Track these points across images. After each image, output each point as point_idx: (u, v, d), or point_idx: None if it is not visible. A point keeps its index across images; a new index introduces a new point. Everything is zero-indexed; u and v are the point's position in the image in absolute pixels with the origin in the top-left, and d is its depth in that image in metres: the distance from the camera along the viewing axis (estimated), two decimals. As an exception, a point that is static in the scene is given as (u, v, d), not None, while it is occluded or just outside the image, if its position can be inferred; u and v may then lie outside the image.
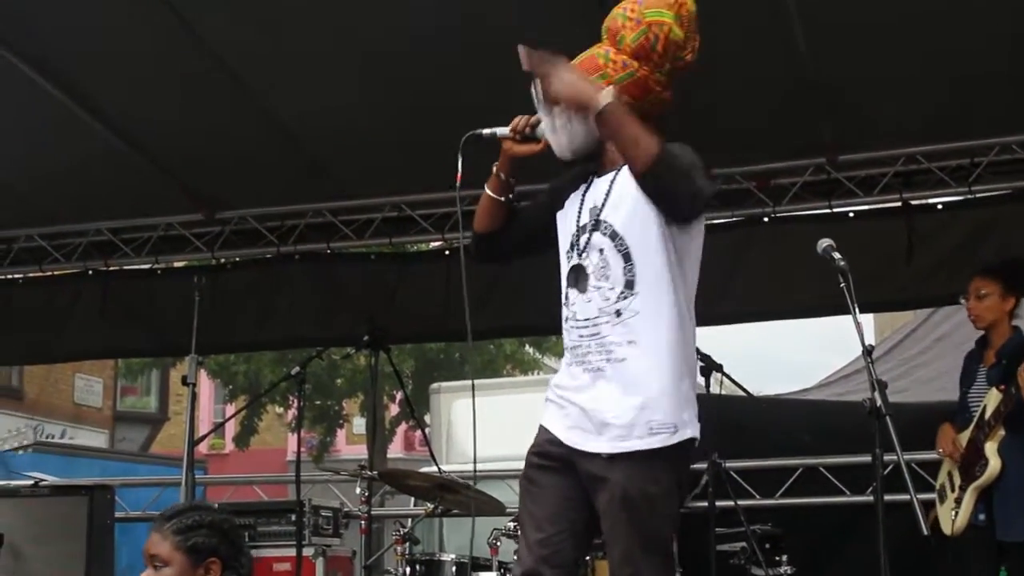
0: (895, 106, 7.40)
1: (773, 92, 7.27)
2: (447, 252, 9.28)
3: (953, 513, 6.50)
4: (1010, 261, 6.83)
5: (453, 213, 8.59)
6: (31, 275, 9.79)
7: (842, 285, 4.44)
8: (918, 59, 6.92)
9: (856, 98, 7.34)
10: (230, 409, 31.49)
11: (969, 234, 8.04)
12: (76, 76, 7.40)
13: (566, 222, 4.25)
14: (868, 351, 4.42)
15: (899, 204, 8.13)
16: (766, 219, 8.35)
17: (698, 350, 7.12)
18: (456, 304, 8.78)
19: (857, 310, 4.39)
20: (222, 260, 9.49)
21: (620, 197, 4.06)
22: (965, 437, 6.58)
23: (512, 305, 8.67)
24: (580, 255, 4.10)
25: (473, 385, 4.47)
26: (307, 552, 8.24)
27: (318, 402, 27.19)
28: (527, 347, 27.51)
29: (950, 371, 7.14)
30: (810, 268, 5.82)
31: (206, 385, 32.92)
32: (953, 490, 6.61)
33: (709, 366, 7.16)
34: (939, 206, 8.26)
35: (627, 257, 4.02)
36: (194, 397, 6.79)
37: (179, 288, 8.61)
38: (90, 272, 9.65)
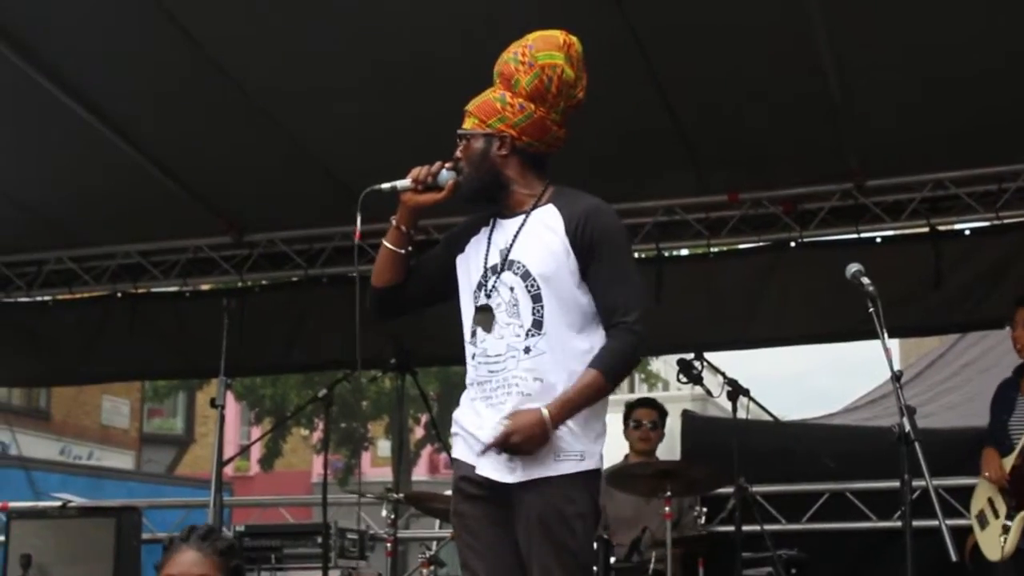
0: (922, 131, 7.40)
1: (800, 118, 7.27)
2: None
3: (1002, 539, 6.48)
4: None
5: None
6: (60, 297, 9.84)
7: (871, 310, 4.44)
8: (945, 85, 6.91)
9: (883, 123, 7.34)
10: (255, 431, 31.55)
11: (996, 259, 8.01)
12: (107, 100, 7.45)
13: (470, 264, 4.34)
14: (897, 376, 4.41)
15: (926, 229, 8.12)
16: (793, 244, 8.35)
17: (724, 375, 7.21)
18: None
19: (886, 335, 4.38)
20: (250, 283, 9.52)
21: (531, 239, 4.18)
22: (1008, 464, 6.56)
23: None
24: (488, 295, 4.20)
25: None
26: (333, 575, 8.25)
27: (343, 424, 27.25)
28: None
29: (977, 397, 7.13)
30: (837, 293, 5.84)
31: (232, 407, 32.90)
32: (997, 516, 6.59)
33: (736, 391, 7.16)
34: (966, 231, 8.25)
35: (536, 298, 4.11)
36: (222, 419, 6.81)
37: (207, 311, 8.66)
38: (119, 294, 9.70)
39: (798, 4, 6.19)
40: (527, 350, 4.07)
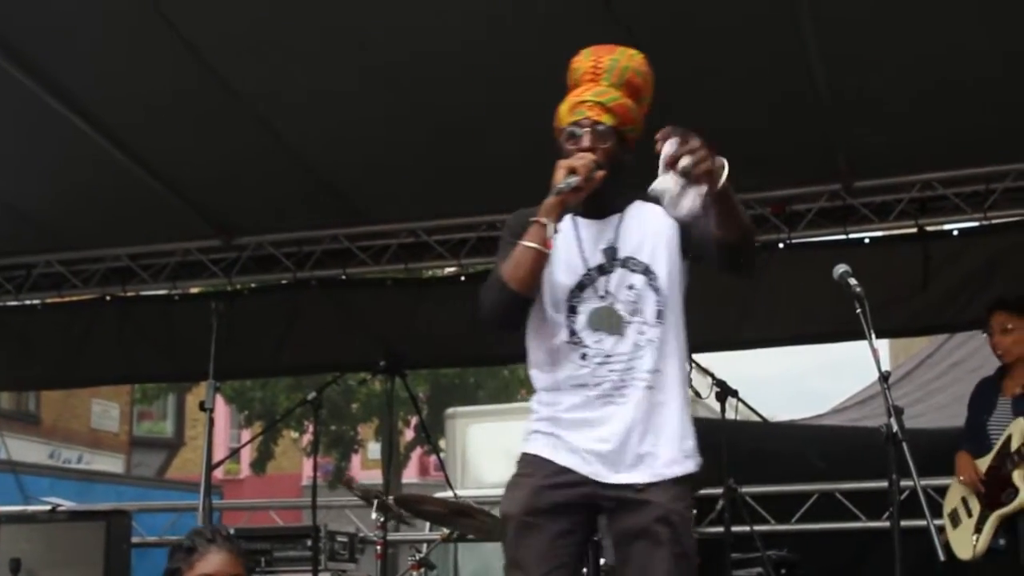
0: (910, 133, 7.41)
1: (789, 118, 7.28)
2: (463, 278, 9.29)
3: (974, 538, 6.52)
4: None
5: (469, 239, 8.63)
6: (49, 301, 9.82)
7: (858, 311, 4.45)
8: (933, 85, 6.93)
9: (871, 125, 7.35)
10: (245, 434, 31.53)
11: (985, 260, 8.03)
12: (95, 104, 7.43)
13: (557, 264, 4.19)
14: (884, 377, 4.43)
15: (915, 230, 8.14)
16: (781, 245, 8.35)
17: (713, 376, 7.22)
18: (472, 330, 8.83)
19: (873, 336, 4.40)
20: (239, 286, 9.52)
21: (642, 236, 4.21)
22: (984, 464, 6.60)
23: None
24: (602, 296, 4.17)
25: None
26: (323, 577, 8.26)
27: (333, 427, 27.22)
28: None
29: (965, 397, 7.15)
30: (825, 294, 5.83)
31: (222, 410, 32.90)
32: (970, 515, 6.62)
33: (725, 391, 7.18)
34: (955, 232, 8.27)
35: (658, 290, 4.17)
36: (211, 423, 6.80)
37: (196, 314, 8.64)
38: (108, 298, 9.69)
39: (787, 5, 6.20)
40: (651, 342, 4.14)
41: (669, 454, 4.10)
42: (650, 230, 4.20)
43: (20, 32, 6.72)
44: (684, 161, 3.81)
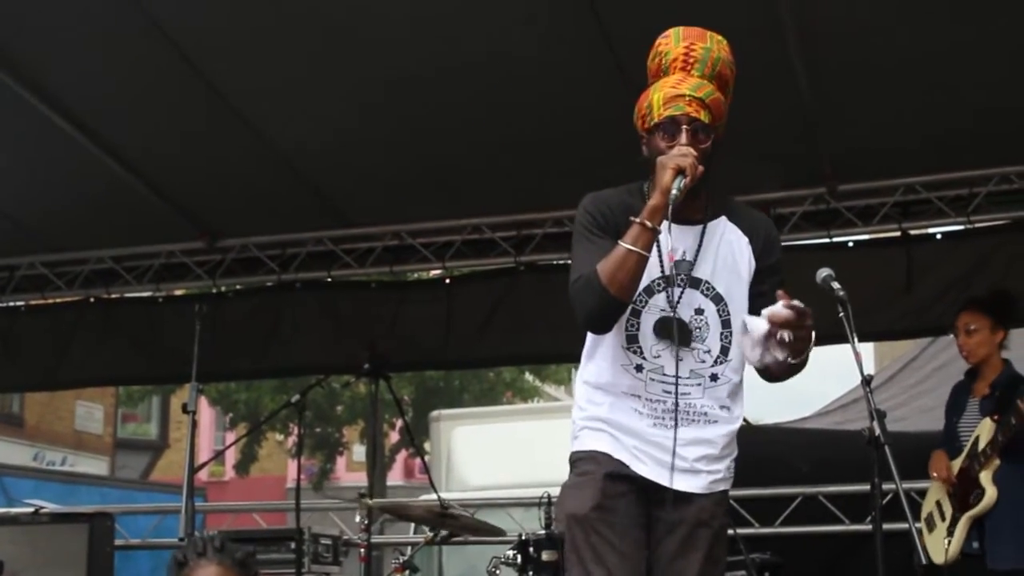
0: (894, 136, 7.43)
1: (773, 122, 7.29)
2: (447, 280, 9.29)
3: (946, 542, 6.52)
4: (996, 294, 6.87)
5: (454, 242, 8.63)
6: (33, 303, 9.81)
7: (841, 315, 4.46)
8: (917, 90, 6.96)
9: (855, 128, 7.37)
10: (230, 436, 31.50)
11: (968, 264, 8.04)
12: (79, 106, 7.43)
13: None
14: (867, 381, 4.42)
15: (898, 234, 8.15)
16: (766, 248, 8.34)
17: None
18: (456, 332, 8.82)
19: (856, 340, 4.40)
20: (223, 288, 9.51)
21: (719, 259, 4.02)
22: (956, 466, 6.61)
23: (513, 333, 8.70)
24: (665, 308, 3.95)
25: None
26: (306, 580, 8.25)
27: (318, 429, 27.20)
28: (527, 375, 27.52)
29: (949, 400, 7.16)
30: (809, 297, 5.82)
31: (207, 412, 32.91)
32: (944, 519, 6.63)
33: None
34: (938, 236, 8.28)
35: (726, 323, 4.01)
36: (194, 425, 6.79)
37: (180, 316, 8.65)
38: (92, 300, 9.67)
39: (771, 11, 6.21)
40: (714, 377, 3.98)
41: (719, 471, 4.08)
42: (730, 262, 4.02)
43: (5, 34, 6.71)
44: (786, 335, 3.74)
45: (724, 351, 3.98)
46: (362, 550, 7.30)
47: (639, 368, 4.00)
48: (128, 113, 7.57)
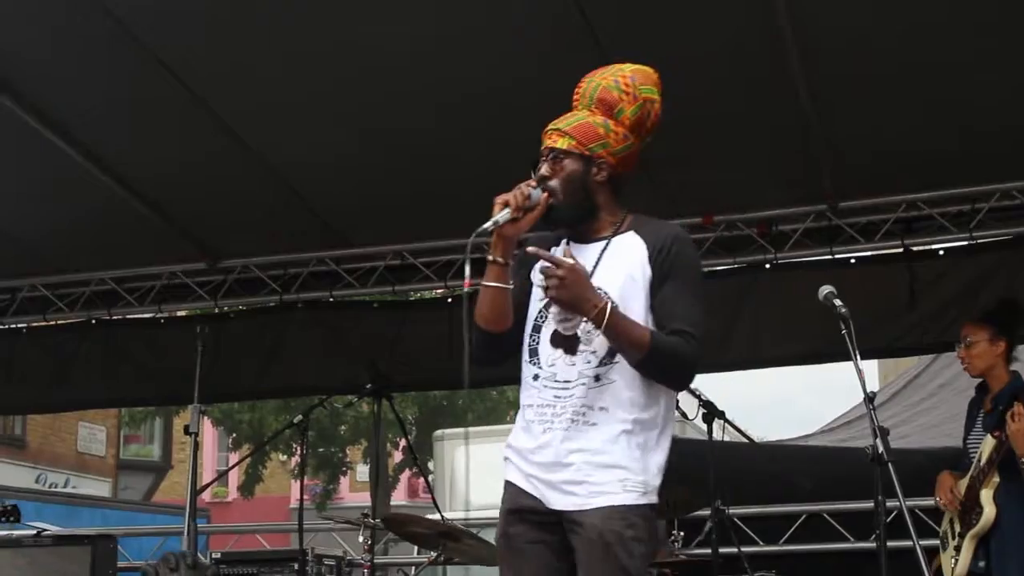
0: (896, 152, 7.42)
1: (774, 139, 7.30)
2: (449, 300, 9.29)
3: (953, 561, 6.49)
4: (1003, 303, 6.82)
5: (456, 261, 8.62)
6: (35, 324, 9.80)
7: (844, 332, 4.45)
8: (918, 106, 6.95)
9: (857, 144, 7.36)
10: (234, 457, 31.45)
11: (971, 280, 8.03)
12: (81, 128, 7.44)
13: (539, 291, 4.14)
14: (870, 398, 4.42)
15: (900, 250, 8.14)
16: (768, 265, 8.35)
17: (700, 397, 7.21)
18: (459, 352, 8.80)
19: (859, 357, 4.39)
20: (225, 309, 9.51)
21: (614, 267, 4.08)
22: (964, 484, 6.57)
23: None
24: (563, 320, 4.06)
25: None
26: (310, 602, 8.22)
27: (321, 449, 27.17)
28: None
29: (952, 417, 7.15)
30: (812, 314, 5.84)
31: (210, 433, 32.88)
32: (953, 537, 6.60)
33: (712, 413, 7.16)
34: (940, 252, 8.26)
35: None
36: (196, 446, 6.79)
37: (182, 337, 8.63)
38: (93, 321, 9.67)
39: (772, 27, 6.21)
40: (597, 378, 4.00)
41: (603, 484, 3.97)
42: (626, 268, 4.07)
43: (8, 62, 6.72)
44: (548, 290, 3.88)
45: (611, 353, 4.00)
46: (365, 571, 7.29)
47: (536, 377, 4.12)
48: (130, 136, 7.57)
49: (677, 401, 7.18)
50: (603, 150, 4.10)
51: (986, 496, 6.32)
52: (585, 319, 3.93)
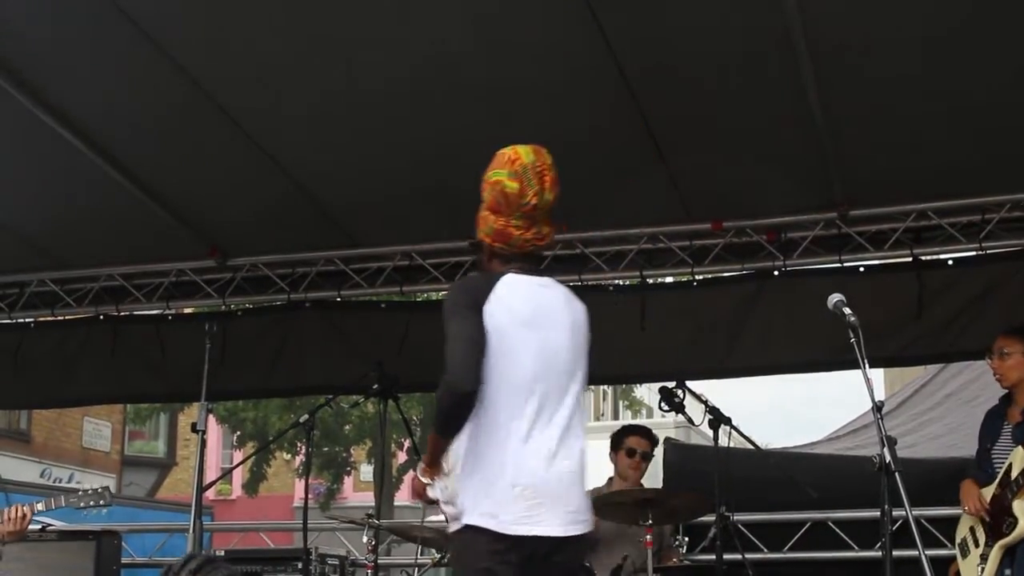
0: (906, 162, 7.41)
1: (784, 147, 7.29)
2: (457, 301, 9.26)
3: (980, 569, 6.49)
4: None
5: (464, 262, 8.61)
6: (43, 319, 9.81)
7: (852, 340, 4.44)
8: (929, 116, 6.94)
9: (867, 153, 7.36)
10: (238, 455, 31.46)
11: (979, 290, 8.02)
12: (91, 123, 7.44)
13: None
14: (878, 407, 4.41)
15: (910, 259, 8.13)
16: (776, 272, 8.34)
17: (707, 403, 7.20)
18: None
19: (867, 365, 4.39)
20: (233, 307, 9.51)
21: None
22: (988, 493, 6.57)
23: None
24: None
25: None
26: (313, 601, 8.22)
27: (326, 448, 27.18)
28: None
29: (959, 427, 7.15)
30: (820, 322, 5.82)
31: (214, 431, 32.91)
32: (977, 545, 6.60)
33: (718, 419, 7.15)
34: (949, 262, 8.25)
35: None
36: (203, 444, 6.78)
37: (189, 334, 8.62)
38: (101, 317, 9.66)
39: (784, 35, 6.20)
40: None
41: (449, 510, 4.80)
42: None
43: (15, 51, 6.72)
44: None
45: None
46: (369, 571, 7.29)
47: None
48: (141, 132, 7.57)
49: (684, 407, 7.22)
50: (481, 235, 4.81)
51: (1020, 507, 6.34)
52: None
